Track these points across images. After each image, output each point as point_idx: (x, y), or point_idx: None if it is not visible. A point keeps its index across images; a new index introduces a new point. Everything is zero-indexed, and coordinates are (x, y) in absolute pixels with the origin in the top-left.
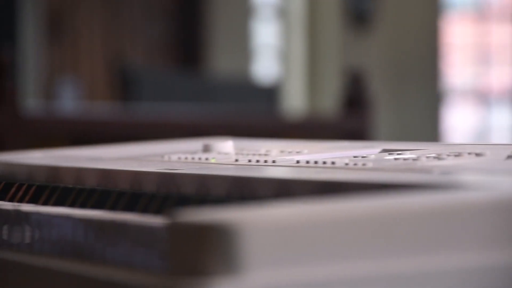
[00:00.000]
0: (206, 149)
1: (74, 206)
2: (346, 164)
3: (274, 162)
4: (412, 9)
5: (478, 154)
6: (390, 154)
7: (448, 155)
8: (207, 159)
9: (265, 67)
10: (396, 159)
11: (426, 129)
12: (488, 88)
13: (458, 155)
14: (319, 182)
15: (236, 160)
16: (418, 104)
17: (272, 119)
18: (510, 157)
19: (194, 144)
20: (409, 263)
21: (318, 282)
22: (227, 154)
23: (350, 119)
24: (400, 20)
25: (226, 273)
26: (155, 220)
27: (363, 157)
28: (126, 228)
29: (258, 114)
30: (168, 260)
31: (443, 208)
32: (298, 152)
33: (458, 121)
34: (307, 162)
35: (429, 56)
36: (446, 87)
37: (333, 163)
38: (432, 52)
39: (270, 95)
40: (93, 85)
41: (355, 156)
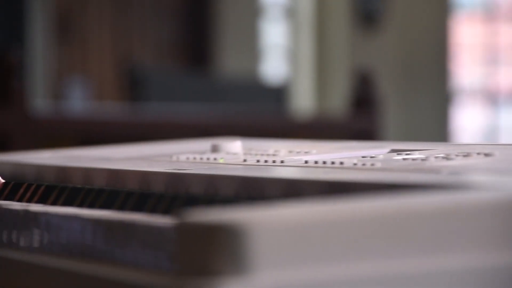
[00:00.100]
0: (215, 149)
1: (83, 206)
2: (355, 164)
3: (282, 162)
4: (421, 9)
5: (487, 154)
6: (398, 154)
7: (457, 155)
8: (215, 159)
9: (273, 67)
10: (404, 159)
11: (434, 129)
12: (497, 88)
13: (467, 155)
14: (327, 182)
15: (245, 160)
16: (426, 104)
17: (280, 119)
18: None
19: (203, 144)
20: (419, 263)
21: (326, 282)
22: (235, 154)
23: (359, 119)
24: (409, 20)
25: (235, 273)
26: (164, 220)
27: (372, 157)
28: (134, 228)
29: (266, 114)
30: (177, 260)
31: (451, 208)
32: (306, 152)
33: (467, 121)
34: (316, 162)
35: (437, 56)
36: (454, 87)
37: (341, 163)
38: (440, 52)
39: (278, 95)
40: (102, 85)
41: (363, 156)
